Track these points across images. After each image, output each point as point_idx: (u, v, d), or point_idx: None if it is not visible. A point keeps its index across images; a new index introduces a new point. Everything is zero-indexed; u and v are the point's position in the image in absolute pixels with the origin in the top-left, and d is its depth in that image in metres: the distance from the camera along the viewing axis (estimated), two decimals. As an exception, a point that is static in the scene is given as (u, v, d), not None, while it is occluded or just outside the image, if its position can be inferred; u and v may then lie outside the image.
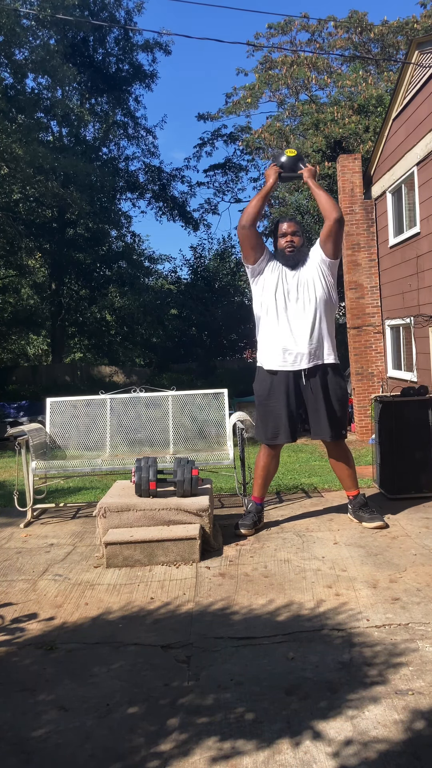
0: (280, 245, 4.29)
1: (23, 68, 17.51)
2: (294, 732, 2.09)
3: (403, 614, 2.91)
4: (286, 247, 4.25)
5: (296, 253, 4.25)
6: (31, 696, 2.39)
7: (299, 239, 4.27)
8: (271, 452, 4.40)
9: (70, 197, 18.33)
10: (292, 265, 4.26)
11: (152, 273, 27.81)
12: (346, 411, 4.42)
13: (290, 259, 4.25)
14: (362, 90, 13.96)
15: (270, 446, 4.38)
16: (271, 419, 4.30)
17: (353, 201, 10.34)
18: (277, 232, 4.31)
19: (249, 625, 2.89)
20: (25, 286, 24.77)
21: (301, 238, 4.28)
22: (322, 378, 4.24)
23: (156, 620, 2.99)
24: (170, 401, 5.34)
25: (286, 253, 4.25)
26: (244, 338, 27.33)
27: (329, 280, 4.26)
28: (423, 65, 7.86)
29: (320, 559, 3.70)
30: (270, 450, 4.39)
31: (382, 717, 2.15)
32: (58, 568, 3.79)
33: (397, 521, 4.41)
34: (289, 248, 4.24)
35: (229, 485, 5.82)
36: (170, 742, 2.08)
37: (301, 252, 4.29)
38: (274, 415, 4.29)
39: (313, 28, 17.29)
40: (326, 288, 4.24)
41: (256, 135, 16.12)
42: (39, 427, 5.20)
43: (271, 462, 4.43)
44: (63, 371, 24.08)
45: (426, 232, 8.11)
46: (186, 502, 4.02)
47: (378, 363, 10.34)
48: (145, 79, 25.00)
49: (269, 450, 4.39)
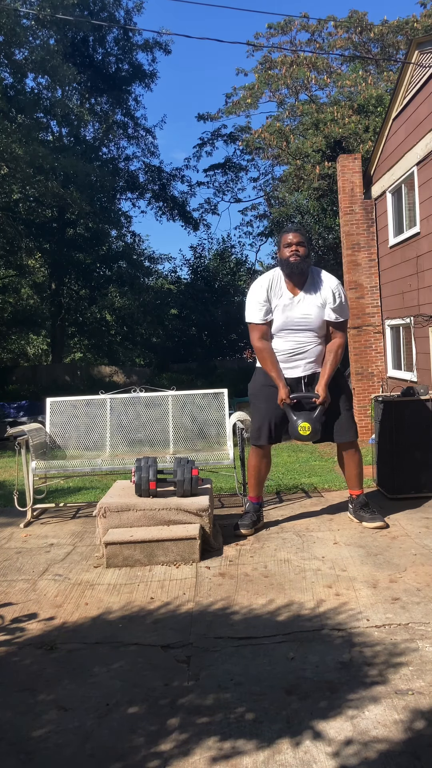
0: (285, 255, 4.22)
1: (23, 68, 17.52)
2: (294, 732, 2.09)
3: (403, 614, 2.91)
4: (291, 256, 4.18)
5: (301, 262, 4.18)
6: (31, 696, 2.39)
7: (304, 249, 4.20)
8: (260, 452, 4.41)
9: (70, 197, 18.34)
10: (296, 275, 4.21)
11: (152, 273, 27.83)
12: (352, 411, 4.47)
13: (295, 269, 4.18)
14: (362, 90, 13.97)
15: (256, 446, 4.40)
16: (257, 419, 4.35)
17: (353, 201, 10.34)
18: (282, 242, 4.27)
19: (249, 625, 2.89)
20: (25, 286, 24.78)
21: (306, 248, 4.21)
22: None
23: (156, 620, 2.99)
24: (170, 401, 5.34)
25: (290, 261, 4.18)
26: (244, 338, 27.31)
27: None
28: (423, 65, 7.86)
29: (320, 559, 3.70)
30: (258, 449, 4.40)
31: (382, 717, 2.15)
32: (58, 568, 3.79)
33: (397, 521, 4.41)
34: (293, 258, 4.18)
35: (229, 485, 5.82)
36: (170, 742, 2.08)
37: (307, 262, 4.24)
38: (260, 414, 4.32)
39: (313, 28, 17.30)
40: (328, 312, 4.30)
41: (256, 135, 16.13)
42: (39, 427, 5.19)
43: (261, 462, 4.43)
44: (63, 371, 24.09)
45: (426, 232, 8.11)
46: (186, 502, 4.02)
47: (378, 363, 10.34)
48: (145, 79, 25.03)
49: (257, 449, 4.41)
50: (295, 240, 4.22)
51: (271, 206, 21.44)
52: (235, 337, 27.52)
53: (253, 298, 4.27)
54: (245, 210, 31.10)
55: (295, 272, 4.20)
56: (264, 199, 23.84)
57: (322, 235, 14.01)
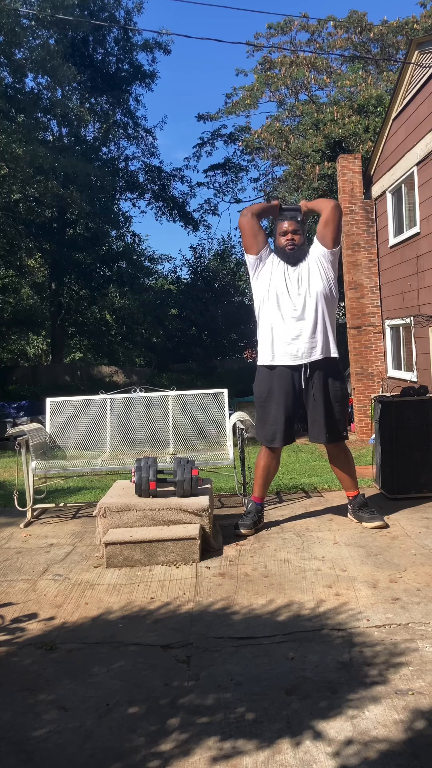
0: (281, 243, 4.27)
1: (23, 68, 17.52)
2: (294, 732, 2.09)
3: (403, 614, 2.91)
4: (287, 244, 4.23)
5: (297, 251, 4.24)
6: (31, 696, 2.39)
7: (300, 237, 4.25)
8: (271, 453, 4.41)
9: (70, 197, 18.33)
10: (293, 262, 4.26)
11: (152, 273, 27.82)
12: (346, 413, 4.42)
13: (291, 257, 4.24)
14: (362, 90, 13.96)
15: (270, 448, 4.39)
16: (270, 422, 4.31)
17: (353, 201, 10.34)
18: (278, 230, 4.30)
19: (249, 625, 2.89)
20: (25, 286, 24.76)
21: (301, 237, 4.26)
22: (323, 378, 4.23)
23: (156, 620, 2.99)
24: (170, 401, 5.34)
25: (286, 250, 4.24)
26: (244, 338, 27.35)
27: (330, 274, 4.25)
28: (423, 65, 7.86)
29: (320, 559, 3.70)
30: (270, 451, 4.40)
31: (382, 717, 2.15)
32: (58, 568, 3.79)
33: (397, 521, 4.41)
34: (289, 246, 4.23)
35: (229, 485, 5.82)
36: (170, 741, 2.08)
37: (302, 250, 4.28)
38: (272, 417, 4.30)
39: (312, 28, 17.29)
40: (327, 282, 4.23)
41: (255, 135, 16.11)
42: (39, 427, 5.19)
43: (271, 463, 4.43)
44: (63, 371, 24.08)
45: (426, 232, 8.11)
46: (186, 502, 4.02)
47: (378, 363, 10.34)
48: (145, 79, 25.00)
49: (269, 451, 4.40)
50: (291, 228, 4.25)
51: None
52: (235, 337, 27.53)
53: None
54: (245, 210, 31.06)
55: (291, 260, 4.25)
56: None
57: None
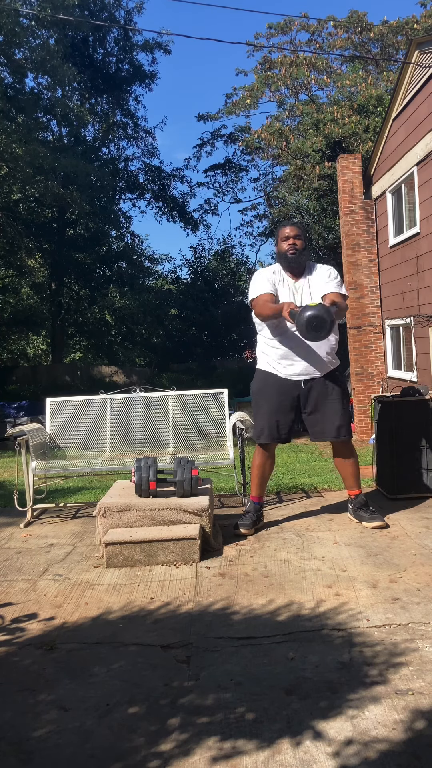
0: (282, 249, 4.27)
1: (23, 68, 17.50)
2: (294, 732, 2.09)
3: (403, 614, 2.91)
4: (288, 250, 4.24)
5: (298, 256, 4.25)
6: (31, 696, 2.39)
7: (302, 242, 4.26)
8: (264, 452, 4.42)
9: (70, 197, 18.32)
10: (294, 268, 4.26)
11: (152, 273, 27.82)
12: (348, 410, 4.44)
13: (292, 262, 4.25)
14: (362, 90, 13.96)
15: (262, 445, 4.40)
16: (259, 417, 4.35)
17: (353, 201, 10.34)
18: (280, 236, 4.31)
19: (249, 625, 2.89)
20: (25, 286, 24.76)
21: (303, 242, 4.27)
22: (323, 382, 4.26)
23: (156, 620, 2.99)
24: (170, 401, 5.34)
25: (288, 255, 4.24)
26: (244, 338, 27.33)
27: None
28: (423, 65, 7.86)
29: (320, 559, 3.70)
30: (262, 449, 4.41)
31: (383, 717, 2.15)
32: (58, 568, 3.79)
33: (397, 521, 4.41)
34: (291, 251, 4.23)
35: (229, 485, 5.82)
36: (170, 742, 2.08)
37: (304, 255, 4.28)
38: (262, 412, 4.33)
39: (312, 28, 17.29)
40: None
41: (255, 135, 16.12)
42: (39, 427, 5.19)
43: (265, 461, 4.44)
44: (63, 371, 24.08)
45: (426, 232, 8.11)
46: (186, 502, 4.02)
47: (378, 363, 10.34)
48: (145, 79, 25.00)
49: (262, 450, 4.41)
50: (293, 233, 4.26)
51: (271, 206, 21.43)
52: (235, 337, 27.51)
53: (259, 276, 4.31)
54: (245, 210, 31.18)
55: (293, 265, 4.27)
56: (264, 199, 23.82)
57: (322, 235, 14.01)
